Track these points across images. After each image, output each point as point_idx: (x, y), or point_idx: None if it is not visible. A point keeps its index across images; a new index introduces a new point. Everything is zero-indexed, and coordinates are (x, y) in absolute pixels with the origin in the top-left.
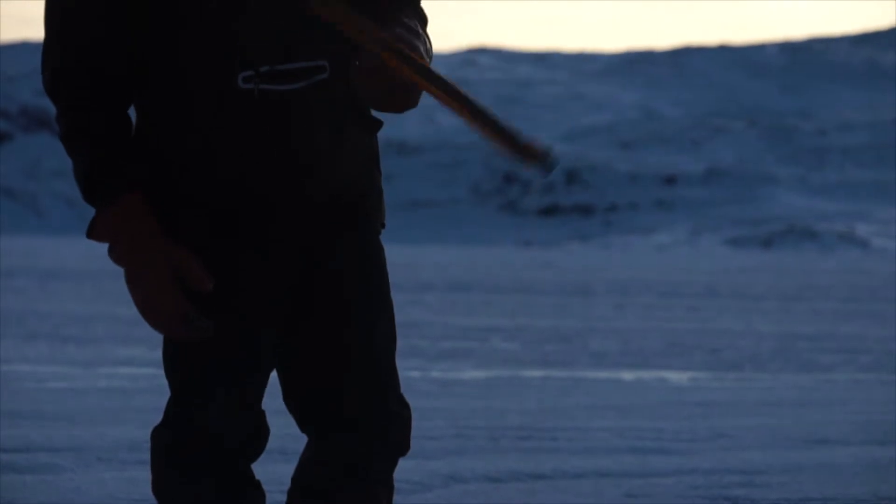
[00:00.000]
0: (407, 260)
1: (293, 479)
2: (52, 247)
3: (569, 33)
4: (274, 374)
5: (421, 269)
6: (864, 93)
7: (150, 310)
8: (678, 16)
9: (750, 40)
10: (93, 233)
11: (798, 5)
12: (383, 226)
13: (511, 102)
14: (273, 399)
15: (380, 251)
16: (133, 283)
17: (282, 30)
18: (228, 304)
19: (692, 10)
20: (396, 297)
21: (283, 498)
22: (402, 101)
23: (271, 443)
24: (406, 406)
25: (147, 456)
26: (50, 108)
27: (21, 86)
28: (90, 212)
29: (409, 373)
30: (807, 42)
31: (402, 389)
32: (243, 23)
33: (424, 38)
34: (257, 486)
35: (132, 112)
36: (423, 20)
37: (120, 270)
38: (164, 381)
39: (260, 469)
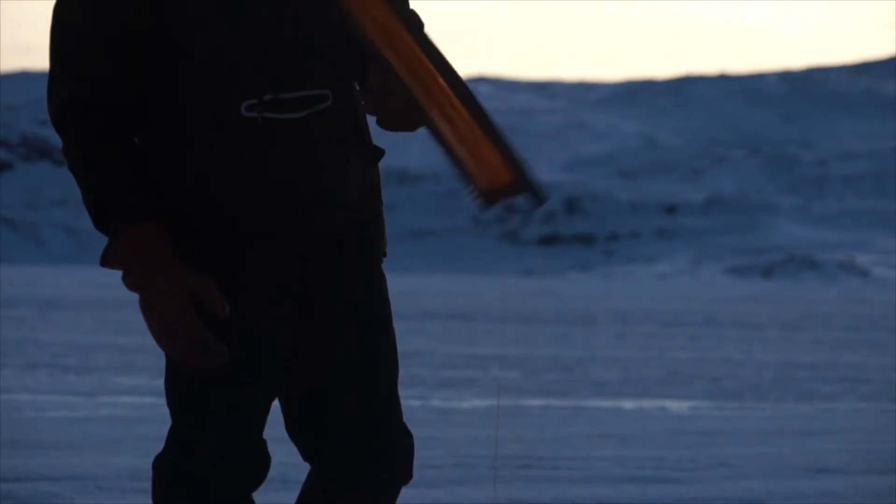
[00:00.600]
0: (408, 289)
1: None
2: (53, 276)
3: (569, 62)
4: (276, 403)
5: (422, 297)
6: (864, 122)
7: (168, 337)
8: (678, 45)
9: (750, 69)
10: (106, 260)
11: (798, 35)
12: (384, 254)
13: (512, 131)
14: (275, 427)
15: (381, 280)
16: (149, 309)
17: (285, 59)
18: (231, 335)
19: (692, 39)
20: (398, 326)
21: None
22: (409, 117)
23: (273, 471)
24: (408, 434)
25: (148, 485)
26: (50, 137)
27: (21, 115)
28: (91, 241)
29: (411, 401)
30: (807, 71)
31: (404, 417)
32: (246, 52)
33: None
34: None
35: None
36: (422, 24)
37: (123, 298)
38: (166, 410)
39: (261, 497)
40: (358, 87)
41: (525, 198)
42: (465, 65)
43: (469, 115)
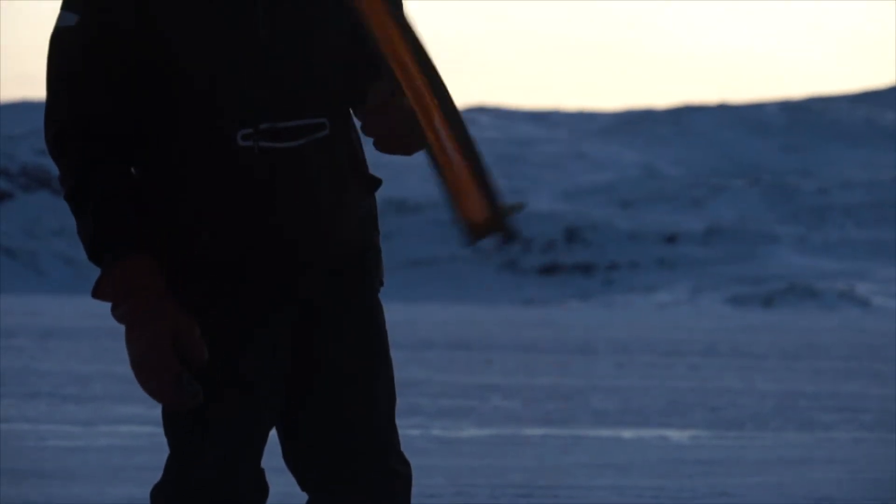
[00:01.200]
0: (407, 318)
1: None
2: (52, 305)
3: (569, 92)
4: (273, 432)
5: (421, 327)
6: (863, 151)
7: (143, 369)
8: (678, 75)
9: (750, 99)
10: (98, 292)
11: (797, 64)
12: (381, 284)
13: (511, 161)
14: (272, 457)
15: (379, 309)
16: (131, 341)
17: (282, 88)
18: (229, 363)
19: (692, 68)
20: (396, 355)
21: None
22: (407, 140)
23: (270, 500)
24: (406, 464)
25: None
26: (50, 167)
27: (21, 145)
28: (90, 271)
29: (410, 431)
30: (806, 101)
31: (403, 447)
32: (243, 81)
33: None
34: None
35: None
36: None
37: (121, 328)
38: (164, 440)
39: None
40: (355, 112)
41: (496, 237)
42: (465, 94)
43: (459, 145)
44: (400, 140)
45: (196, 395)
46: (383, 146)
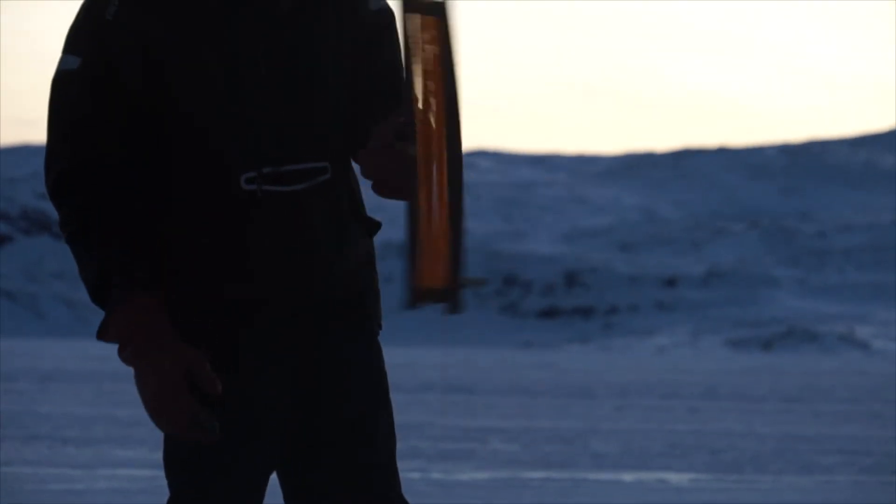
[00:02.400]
0: (407, 361)
1: None
2: (52, 349)
3: (569, 136)
4: (273, 476)
5: (421, 370)
6: (863, 194)
7: (160, 411)
8: (677, 118)
9: (749, 142)
10: (103, 333)
11: (797, 108)
12: (380, 327)
13: (511, 205)
14: (273, 498)
15: (378, 352)
16: (143, 383)
17: (284, 132)
18: (230, 407)
19: (692, 112)
20: (396, 398)
21: None
22: (405, 185)
23: None
24: None
25: None
26: (50, 210)
27: (21, 188)
28: (90, 314)
29: (410, 474)
30: (806, 144)
31: (403, 490)
32: (245, 124)
33: None
34: None
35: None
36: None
37: (122, 371)
38: (164, 483)
39: None
40: (356, 153)
41: (444, 306)
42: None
43: (448, 206)
44: (398, 185)
45: (214, 430)
46: (380, 190)
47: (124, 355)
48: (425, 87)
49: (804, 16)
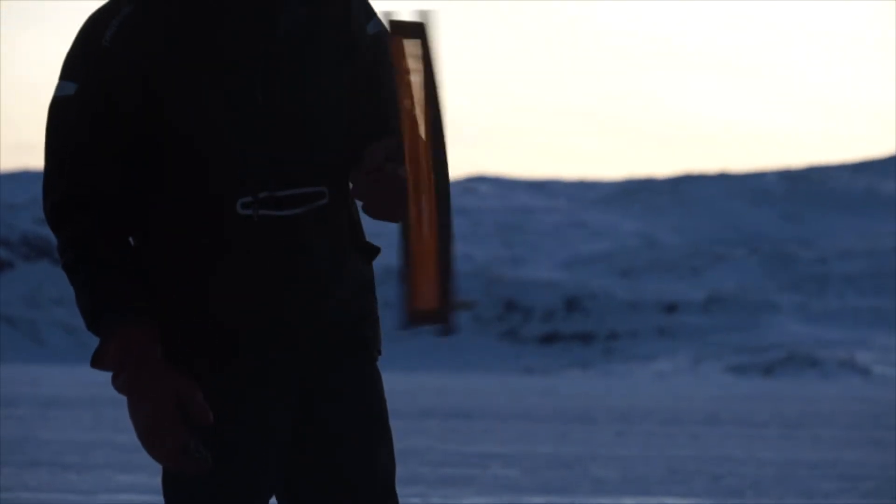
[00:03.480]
0: (406, 387)
1: None
2: (53, 375)
3: (568, 161)
4: (274, 500)
5: (421, 395)
6: (863, 220)
7: (151, 439)
8: (677, 144)
9: (749, 168)
10: (97, 362)
11: (797, 133)
12: (380, 352)
13: (511, 230)
14: None
15: (378, 378)
16: (135, 411)
17: (281, 156)
18: (229, 433)
19: (691, 138)
20: (396, 424)
21: None
22: (397, 208)
23: None
24: None
25: None
26: (50, 236)
27: (21, 214)
28: (90, 340)
29: (410, 500)
30: (806, 170)
31: None
32: (242, 149)
33: None
34: None
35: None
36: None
37: (121, 398)
38: None
39: None
40: (350, 178)
41: (436, 328)
42: (465, 163)
43: (437, 229)
44: (388, 207)
45: (205, 460)
46: (371, 210)
47: (117, 384)
48: (412, 108)
49: (804, 42)
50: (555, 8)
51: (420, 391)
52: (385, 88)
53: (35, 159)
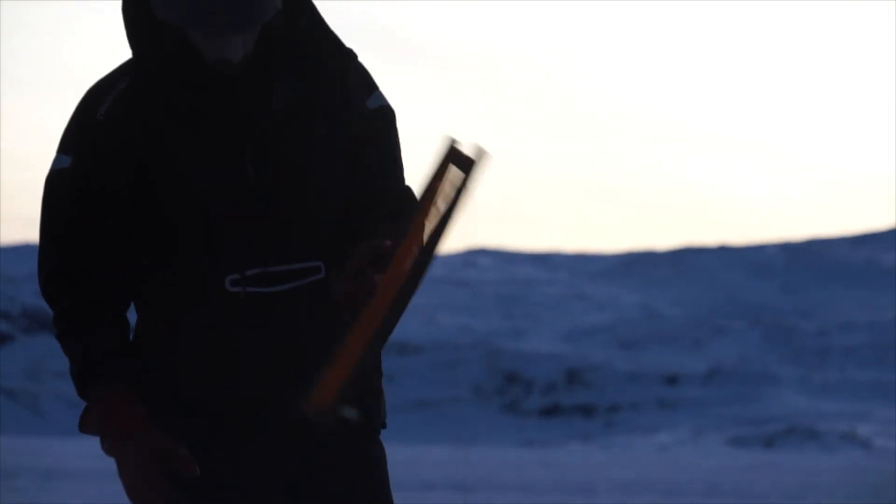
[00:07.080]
0: (409, 459)
1: None
2: (53, 447)
3: (569, 234)
4: None
5: (423, 468)
6: (864, 293)
7: (137, 498)
8: (678, 217)
9: (750, 241)
10: (83, 425)
11: (797, 206)
12: (384, 426)
13: (512, 302)
14: None
15: (380, 451)
16: (121, 472)
17: (272, 231)
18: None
19: (692, 210)
20: (398, 497)
21: None
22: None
23: None
24: None
25: None
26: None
27: (22, 287)
28: None
29: None
30: (807, 243)
31: None
32: (232, 225)
33: None
34: None
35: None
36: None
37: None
38: None
39: None
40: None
41: (319, 419)
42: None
43: (374, 333)
44: (357, 308)
45: None
46: (345, 311)
47: (104, 447)
48: (423, 223)
49: (804, 114)
50: (554, 80)
51: (422, 463)
52: (385, 162)
53: (37, 233)
